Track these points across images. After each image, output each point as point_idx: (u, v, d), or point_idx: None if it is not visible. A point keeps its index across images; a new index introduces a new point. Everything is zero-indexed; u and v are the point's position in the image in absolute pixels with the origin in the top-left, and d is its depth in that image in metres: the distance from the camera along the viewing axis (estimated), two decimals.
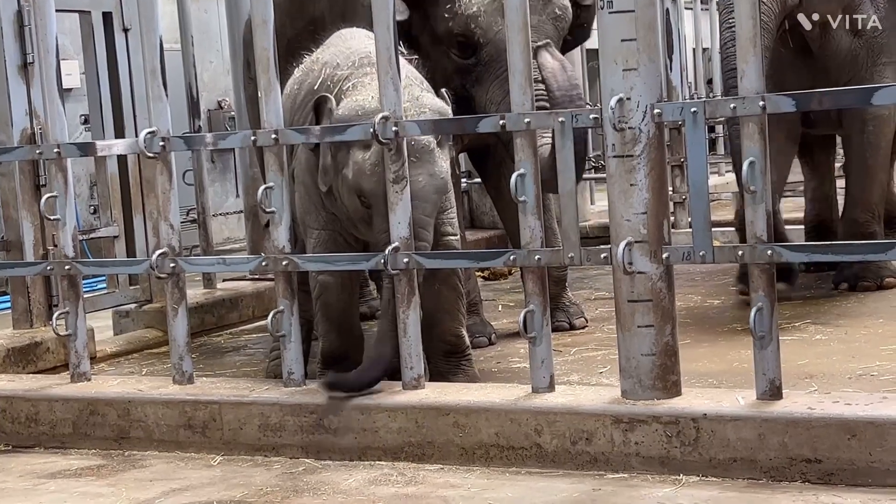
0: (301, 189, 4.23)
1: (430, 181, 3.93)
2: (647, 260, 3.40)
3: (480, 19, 4.80)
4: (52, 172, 4.37)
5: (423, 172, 3.91)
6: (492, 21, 4.78)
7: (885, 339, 4.81)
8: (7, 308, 5.99)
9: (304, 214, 4.24)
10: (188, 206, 7.81)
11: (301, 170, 4.22)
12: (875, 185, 5.97)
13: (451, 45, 4.90)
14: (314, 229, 4.22)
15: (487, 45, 4.82)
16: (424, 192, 3.91)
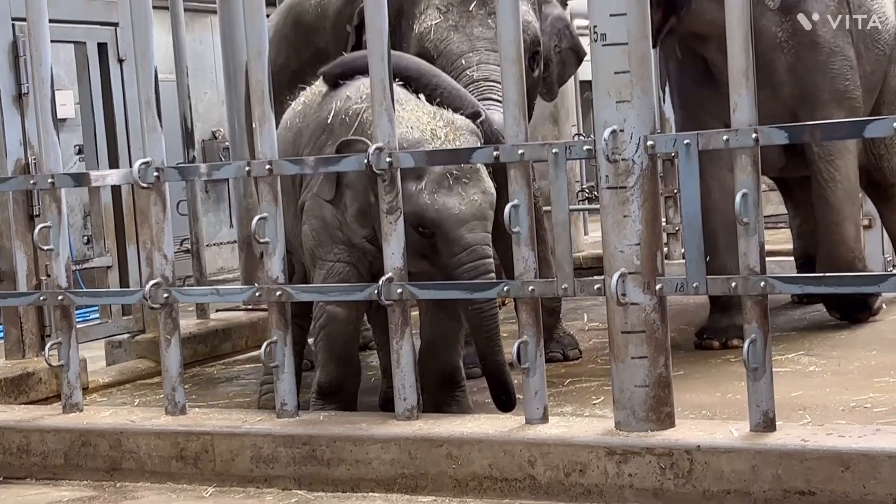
0: (315, 222, 4.23)
1: (485, 198, 3.98)
2: (641, 291, 3.41)
3: (431, 34, 4.86)
4: (46, 202, 4.37)
5: (477, 191, 3.96)
6: (441, 36, 4.85)
7: (878, 371, 4.81)
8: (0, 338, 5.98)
9: (316, 247, 4.23)
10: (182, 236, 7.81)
11: (318, 203, 4.21)
12: (846, 222, 5.71)
13: None
14: (328, 261, 4.21)
15: (440, 58, 4.85)
16: (482, 210, 3.96)
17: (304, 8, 5.84)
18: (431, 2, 4.97)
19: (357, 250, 4.15)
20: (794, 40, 5.71)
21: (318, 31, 5.70)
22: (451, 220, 3.92)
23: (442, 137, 3.98)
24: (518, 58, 3.60)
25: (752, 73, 3.31)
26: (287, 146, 4.36)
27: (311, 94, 4.51)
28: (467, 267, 3.93)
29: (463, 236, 3.92)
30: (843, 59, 5.80)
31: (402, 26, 5.03)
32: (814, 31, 5.73)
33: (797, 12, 5.69)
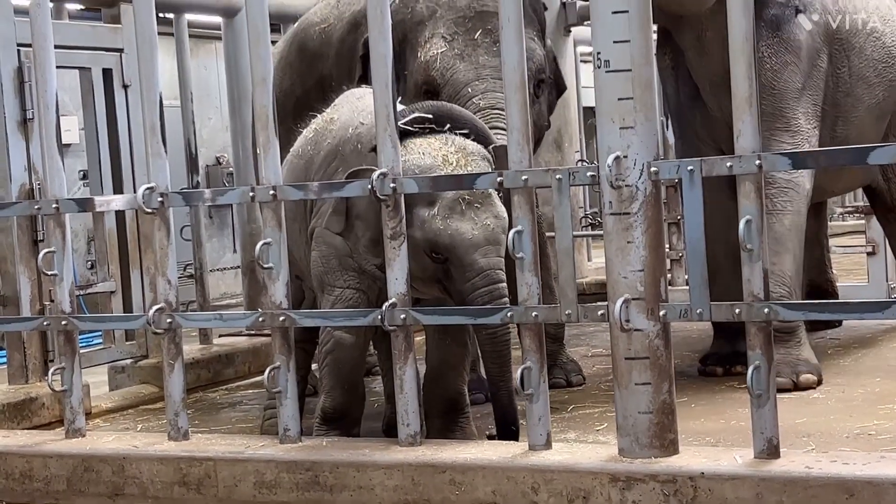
0: (325, 249, 4.23)
1: (497, 223, 3.98)
2: (644, 317, 3.40)
3: (438, 63, 4.89)
4: (50, 228, 4.38)
5: (490, 216, 3.96)
6: (448, 64, 4.89)
7: (882, 398, 4.81)
8: (3, 363, 5.98)
9: (325, 273, 4.23)
10: (185, 261, 7.83)
11: (326, 231, 4.21)
12: (786, 255, 5.35)
13: (421, 98, 4.96)
14: (338, 287, 4.21)
15: (446, 86, 4.89)
16: (495, 235, 3.96)
17: (308, 35, 5.87)
18: (436, 30, 5.00)
19: (367, 277, 4.15)
20: (777, 58, 5.56)
21: (322, 58, 5.73)
22: (464, 244, 3.92)
23: (454, 163, 3.99)
24: (522, 84, 3.61)
25: (756, 100, 3.31)
26: (299, 173, 4.38)
27: (322, 122, 4.52)
28: (481, 291, 3.93)
29: (476, 261, 3.93)
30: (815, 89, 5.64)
31: (405, 54, 5.06)
32: (798, 52, 5.58)
33: (785, 29, 5.58)
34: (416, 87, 4.99)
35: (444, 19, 5.02)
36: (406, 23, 5.08)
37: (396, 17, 5.07)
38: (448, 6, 5.04)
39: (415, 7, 5.08)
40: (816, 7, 5.67)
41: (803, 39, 5.58)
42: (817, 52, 5.65)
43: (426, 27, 5.04)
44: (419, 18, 5.06)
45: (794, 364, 5.16)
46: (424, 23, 5.05)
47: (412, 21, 5.07)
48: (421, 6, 5.07)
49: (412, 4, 5.09)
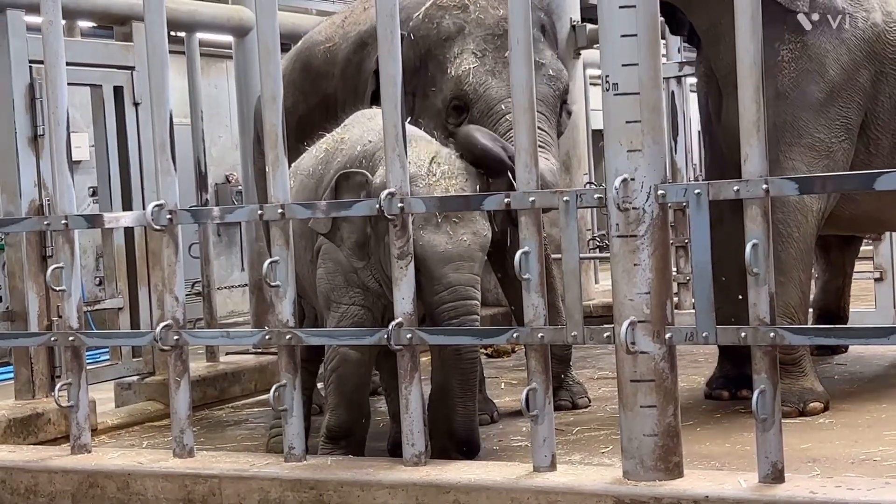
0: (331, 266, 4.25)
1: (475, 240, 4.01)
2: (650, 340, 3.40)
3: (470, 78, 4.91)
4: (59, 243, 4.39)
5: (468, 232, 3.98)
6: (480, 80, 4.91)
7: (887, 424, 4.80)
8: (9, 378, 5.99)
9: (330, 290, 4.25)
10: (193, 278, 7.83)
11: (334, 248, 4.23)
12: (791, 286, 5.18)
13: (449, 115, 4.97)
14: (343, 304, 4.23)
15: (478, 102, 4.91)
16: (470, 251, 3.98)
17: (312, 53, 5.89)
18: (466, 46, 5.01)
19: (372, 294, 4.17)
20: (797, 65, 5.28)
21: (326, 77, 5.74)
22: (435, 257, 3.94)
23: (437, 174, 4.03)
24: (530, 105, 3.62)
25: (764, 124, 3.32)
26: (310, 193, 4.39)
27: (332, 142, 4.54)
28: (448, 307, 3.95)
29: (446, 275, 3.95)
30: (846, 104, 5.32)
31: (429, 68, 5.07)
32: (823, 60, 5.28)
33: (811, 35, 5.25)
34: (444, 101, 4.99)
35: (472, 36, 5.03)
36: (431, 38, 5.09)
37: (420, 33, 5.09)
38: (476, 23, 5.06)
39: (441, 23, 5.08)
40: (859, 23, 5.35)
41: (831, 49, 5.29)
42: (855, 66, 5.33)
43: (454, 43, 5.04)
44: (446, 35, 5.06)
45: (800, 394, 5.14)
46: (452, 39, 5.05)
47: (438, 37, 5.08)
48: (448, 22, 5.07)
49: (438, 20, 5.09)
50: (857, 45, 5.32)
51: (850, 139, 5.32)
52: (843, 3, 5.34)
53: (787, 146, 5.21)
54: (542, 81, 5.00)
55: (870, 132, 5.42)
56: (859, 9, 5.37)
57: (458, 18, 5.06)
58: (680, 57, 7.80)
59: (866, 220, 5.85)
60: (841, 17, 5.30)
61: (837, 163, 5.26)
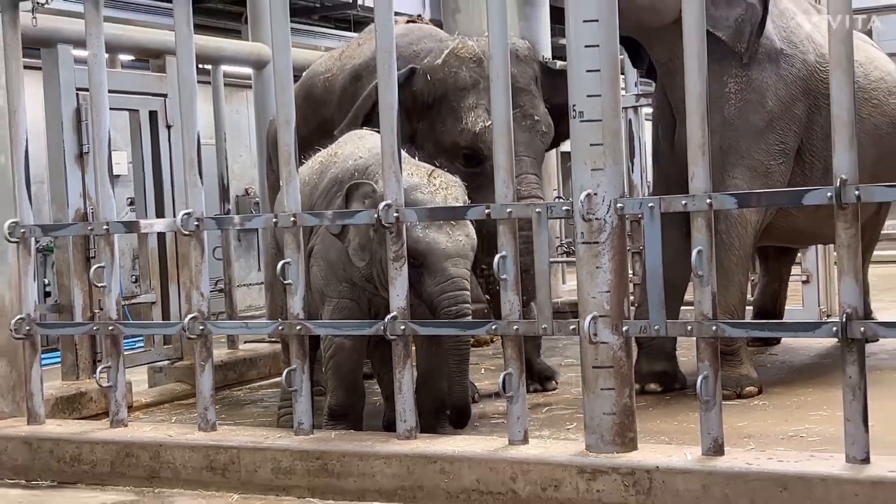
0: (323, 264, 4.25)
1: (468, 241, 4.06)
2: (610, 332, 3.41)
3: (486, 136, 4.84)
4: (101, 246, 4.38)
5: (462, 234, 4.02)
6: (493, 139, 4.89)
7: (813, 406, 4.81)
8: (57, 362, 5.97)
9: (324, 286, 4.25)
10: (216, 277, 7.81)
11: (325, 247, 4.24)
12: (732, 287, 5.14)
13: (457, 157, 4.96)
14: (334, 298, 4.24)
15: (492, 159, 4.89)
16: (465, 250, 4.01)
17: (314, 83, 5.89)
18: (480, 101, 4.96)
19: (357, 288, 4.18)
20: (742, 96, 5.24)
21: (325, 104, 5.73)
22: (437, 252, 3.96)
23: (437, 184, 4.07)
24: (508, 132, 3.63)
25: (709, 147, 3.33)
26: (303, 198, 4.38)
27: (327, 156, 4.55)
28: (448, 295, 3.96)
29: (447, 268, 3.97)
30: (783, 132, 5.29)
31: (442, 110, 5.04)
32: (763, 93, 5.25)
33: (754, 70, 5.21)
34: (457, 146, 4.96)
35: (487, 91, 5.01)
36: (448, 84, 5.04)
37: (437, 76, 5.06)
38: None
39: (458, 73, 5.03)
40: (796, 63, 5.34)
41: (771, 84, 5.25)
42: (792, 99, 5.31)
43: (469, 94, 5.00)
44: (462, 85, 5.02)
45: (737, 379, 5.14)
46: (468, 90, 5.01)
47: (455, 85, 5.03)
48: (465, 74, 5.02)
49: (455, 70, 5.04)
50: (793, 81, 5.33)
51: (786, 162, 5.34)
52: (782, 45, 5.35)
53: (731, 167, 5.21)
54: (537, 137, 5.01)
55: (805, 157, 5.44)
56: (796, 50, 5.39)
57: (475, 72, 5.02)
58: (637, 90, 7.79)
59: (799, 233, 5.86)
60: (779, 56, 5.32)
61: (775, 182, 5.26)
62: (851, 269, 3.14)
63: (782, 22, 5.42)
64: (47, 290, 9.71)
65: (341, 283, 4.21)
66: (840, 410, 3.17)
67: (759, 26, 5.19)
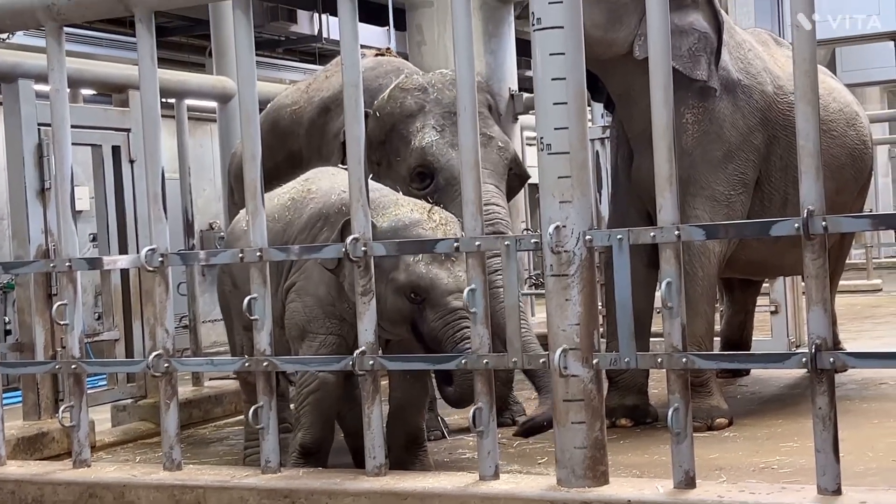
0: (309, 300, 4.25)
1: (453, 282, 4.08)
2: (580, 365, 3.42)
3: (434, 149, 4.93)
4: (63, 283, 4.35)
5: (461, 269, 4.07)
6: (442, 150, 4.93)
7: (784, 437, 4.83)
8: (18, 402, 5.90)
9: (308, 322, 4.25)
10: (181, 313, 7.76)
11: (313, 283, 4.24)
12: (698, 318, 5.15)
13: (413, 180, 4.98)
14: (321, 334, 4.24)
15: (442, 171, 4.92)
16: (464, 285, 4.04)
17: (280, 115, 5.90)
18: (427, 122, 5.03)
19: (346, 324, 4.18)
20: (699, 127, 5.28)
21: (292, 136, 5.75)
22: (440, 288, 4.02)
23: (437, 220, 4.12)
24: (475, 164, 3.64)
25: (676, 179, 3.35)
26: (275, 236, 4.36)
27: (299, 192, 4.52)
28: (451, 326, 4.04)
29: (450, 303, 4.03)
30: (742, 162, 5.33)
31: (393, 141, 5.09)
32: (721, 123, 5.29)
33: (711, 101, 5.26)
34: (409, 168, 5.01)
35: (432, 113, 5.06)
36: (395, 115, 5.09)
37: (385, 111, 5.11)
38: (435, 102, 5.09)
39: (404, 102, 5.09)
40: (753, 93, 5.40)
41: (728, 115, 5.31)
42: (750, 130, 5.36)
43: (416, 119, 5.06)
44: (409, 112, 5.07)
45: (708, 411, 5.16)
46: (414, 116, 5.07)
47: (402, 114, 5.09)
48: (410, 101, 5.09)
49: (401, 100, 5.11)
50: (751, 111, 5.39)
51: (746, 192, 5.39)
52: (739, 76, 5.41)
53: (691, 197, 5.25)
54: (494, 151, 5.04)
55: (763, 188, 5.49)
56: (753, 81, 5.46)
57: (419, 98, 5.09)
58: (603, 122, 7.87)
59: (760, 265, 5.91)
60: (736, 86, 5.38)
61: (736, 213, 5.31)
62: (820, 300, 3.17)
63: (739, 53, 5.49)
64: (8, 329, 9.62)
65: (329, 319, 4.22)
66: (810, 441, 3.18)
67: (715, 55, 5.25)
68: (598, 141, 7.83)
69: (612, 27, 5.12)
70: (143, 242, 5.61)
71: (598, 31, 5.02)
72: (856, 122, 6.05)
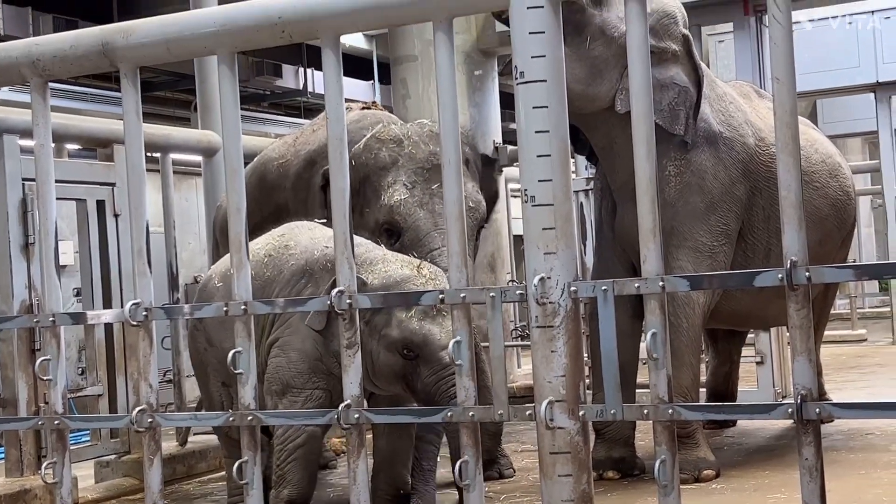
0: (294, 355, 4.24)
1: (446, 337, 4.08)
2: (566, 417, 3.41)
3: (402, 208, 4.96)
4: (47, 338, 4.31)
5: (445, 328, 4.03)
6: (410, 210, 4.96)
7: (771, 488, 4.82)
8: (1, 458, 5.85)
9: (293, 377, 4.24)
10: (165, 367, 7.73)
11: (299, 337, 4.24)
12: (684, 369, 5.20)
13: (380, 235, 5.01)
14: (307, 389, 4.23)
15: (408, 231, 4.95)
16: (446, 343, 4.03)
17: (267, 168, 5.93)
18: (399, 178, 5.06)
19: (333, 378, 4.17)
20: (681, 179, 5.35)
21: (279, 189, 5.78)
22: (433, 343, 4.03)
23: (426, 275, 4.13)
24: (460, 215, 3.65)
25: (659, 230, 3.37)
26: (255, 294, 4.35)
27: (276, 248, 4.52)
28: (445, 381, 4.02)
29: (443, 357, 4.03)
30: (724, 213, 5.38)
31: (366, 192, 5.12)
32: (703, 175, 5.35)
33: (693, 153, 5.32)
34: (377, 224, 5.03)
35: (405, 168, 5.09)
36: (369, 166, 5.13)
37: (359, 160, 5.14)
38: (409, 157, 5.11)
39: (378, 153, 5.13)
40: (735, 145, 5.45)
41: (710, 167, 5.35)
42: (732, 182, 5.41)
43: (389, 173, 5.09)
44: (382, 164, 5.11)
45: (695, 463, 5.15)
46: (387, 169, 5.10)
47: (375, 165, 5.12)
48: (384, 154, 5.12)
49: (376, 151, 5.14)
50: (732, 163, 5.44)
51: (729, 243, 5.42)
52: (720, 128, 5.47)
53: (674, 248, 5.29)
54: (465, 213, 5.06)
55: (747, 238, 5.53)
56: (735, 133, 5.51)
57: (394, 151, 5.13)
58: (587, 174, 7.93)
59: (744, 315, 5.93)
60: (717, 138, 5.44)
61: (719, 263, 5.34)
62: (805, 350, 3.17)
63: (720, 105, 5.56)
64: None
65: (316, 374, 4.21)
66: (798, 492, 3.17)
67: (694, 109, 5.31)
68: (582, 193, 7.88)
69: (594, 82, 5.17)
70: (128, 296, 5.60)
71: (580, 86, 5.08)
72: (838, 172, 6.10)
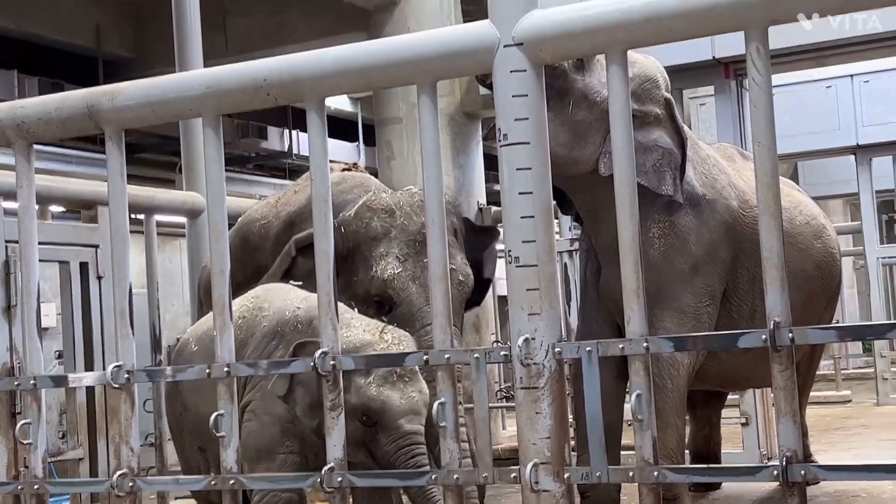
0: (266, 419, 4.20)
1: (421, 397, 4.10)
2: (552, 479, 3.39)
3: (395, 283, 4.95)
4: (28, 402, 4.28)
5: (415, 390, 4.06)
6: (404, 284, 4.95)
7: None
8: None
9: (266, 443, 4.19)
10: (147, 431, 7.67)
11: (270, 401, 4.21)
12: (669, 430, 5.16)
13: (370, 305, 5.00)
14: (280, 454, 4.20)
15: (402, 305, 4.94)
16: (418, 406, 4.06)
17: (250, 230, 5.94)
18: (391, 250, 5.05)
19: (307, 442, 4.14)
20: (665, 241, 5.35)
21: (260, 250, 5.79)
22: (392, 411, 3.98)
23: (388, 340, 4.10)
24: (444, 275, 3.66)
25: (643, 291, 3.38)
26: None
27: (249, 310, 4.50)
28: (404, 451, 3.96)
29: (402, 425, 3.98)
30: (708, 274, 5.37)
31: (355, 259, 5.11)
32: (686, 237, 5.36)
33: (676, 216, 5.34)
34: (367, 294, 5.02)
35: (397, 240, 5.09)
36: (360, 235, 5.12)
37: (350, 228, 5.15)
38: (401, 229, 5.12)
39: (370, 223, 5.13)
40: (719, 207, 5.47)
41: (694, 229, 5.37)
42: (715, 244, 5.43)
43: (381, 244, 5.09)
44: (374, 234, 5.11)
45: None
46: (379, 240, 5.10)
47: (367, 235, 5.12)
48: (376, 224, 5.13)
49: (367, 221, 5.15)
50: (716, 225, 5.47)
51: (713, 304, 5.43)
52: (703, 190, 5.51)
53: (659, 310, 5.29)
54: (453, 285, 5.06)
55: (732, 300, 5.54)
56: (718, 195, 5.55)
57: (385, 222, 5.13)
58: (571, 234, 7.96)
59: (731, 376, 5.92)
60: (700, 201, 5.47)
61: (703, 325, 5.34)
62: (789, 411, 3.17)
63: (703, 168, 5.60)
64: None
65: (289, 438, 4.17)
66: None
67: (680, 170, 5.35)
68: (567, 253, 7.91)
69: (578, 146, 5.21)
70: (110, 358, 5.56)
71: (563, 150, 5.11)
72: (822, 234, 6.13)
